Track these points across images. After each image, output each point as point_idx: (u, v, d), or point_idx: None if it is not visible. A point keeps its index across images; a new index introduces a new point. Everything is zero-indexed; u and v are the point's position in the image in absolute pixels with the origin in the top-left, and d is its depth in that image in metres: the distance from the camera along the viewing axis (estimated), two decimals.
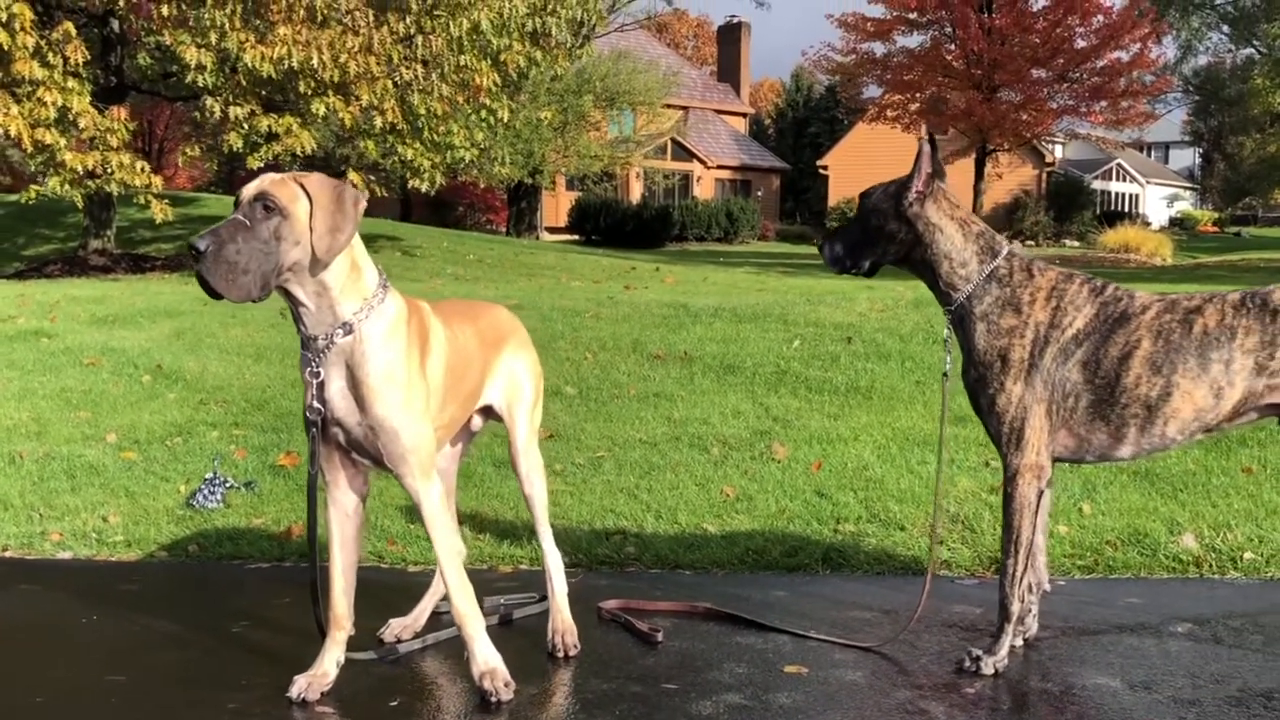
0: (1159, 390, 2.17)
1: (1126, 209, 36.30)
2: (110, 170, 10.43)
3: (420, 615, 2.56)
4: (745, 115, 36.54)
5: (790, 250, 22.68)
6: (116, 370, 6.01)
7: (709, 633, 2.52)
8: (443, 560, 2.13)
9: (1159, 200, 41.54)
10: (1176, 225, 36.07)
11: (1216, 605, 2.63)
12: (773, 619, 2.55)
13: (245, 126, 10.82)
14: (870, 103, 26.05)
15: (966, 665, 2.27)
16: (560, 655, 2.38)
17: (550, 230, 27.29)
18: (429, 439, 2.06)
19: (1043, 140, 28.11)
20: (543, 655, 2.39)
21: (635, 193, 29.65)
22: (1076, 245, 25.20)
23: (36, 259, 13.66)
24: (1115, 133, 26.47)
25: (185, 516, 3.67)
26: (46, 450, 4.51)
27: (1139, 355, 2.18)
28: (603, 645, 2.45)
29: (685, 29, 48.44)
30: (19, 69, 9.72)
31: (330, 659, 2.18)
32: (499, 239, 20.90)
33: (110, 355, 6.34)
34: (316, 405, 2.00)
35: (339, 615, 2.17)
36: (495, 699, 2.12)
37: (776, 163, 34.86)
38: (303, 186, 1.90)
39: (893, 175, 2.40)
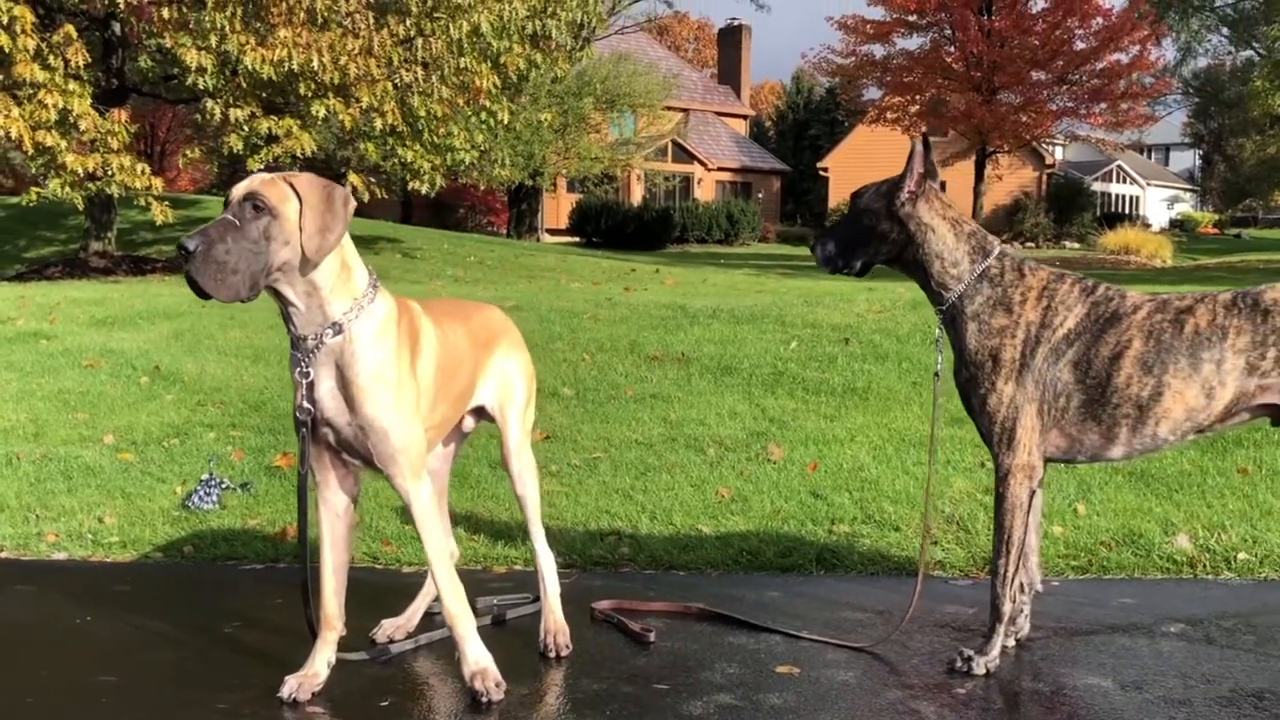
0: (1150, 390, 2.17)
1: (1127, 211, 36.30)
2: (111, 172, 10.45)
3: (413, 616, 2.56)
4: (746, 117, 36.57)
5: (791, 252, 22.69)
6: (115, 372, 6.01)
7: (701, 633, 2.52)
8: (433, 560, 2.13)
9: (1159, 202, 41.54)
10: (1177, 227, 36.04)
11: (1210, 606, 2.63)
12: (765, 619, 2.55)
13: (245, 129, 10.84)
14: (870, 105, 26.05)
15: (958, 665, 2.27)
16: (552, 655, 2.38)
17: (551, 232, 27.31)
18: (419, 439, 2.06)
19: (1043, 142, 28.10)
20: (535, 655, 2.39)
21: (636, 195, 29.68)
22: (1077, 247, 25.19)
23: (37, 261, 13.69)
24: (1115, 135, 26.47)
25: (181, 518, 3.68)
26: (44, 451, 4.52)
27: (1130, 355, 2.18)
28: (595, 645, 2.45)
29: (686, 32, 48.50)
30: (20, 71, 9.74)
31: (321, 659, 2.18)
32: (499, 241, 20.92)
33: (109, 357, 6.35)
34: (306, 405, 2.00)
35: (330, 616, 2.17)
36: (486, 699, 2.12)
37: (777, 165, 34.88)
38: (292, 186, 1.90)
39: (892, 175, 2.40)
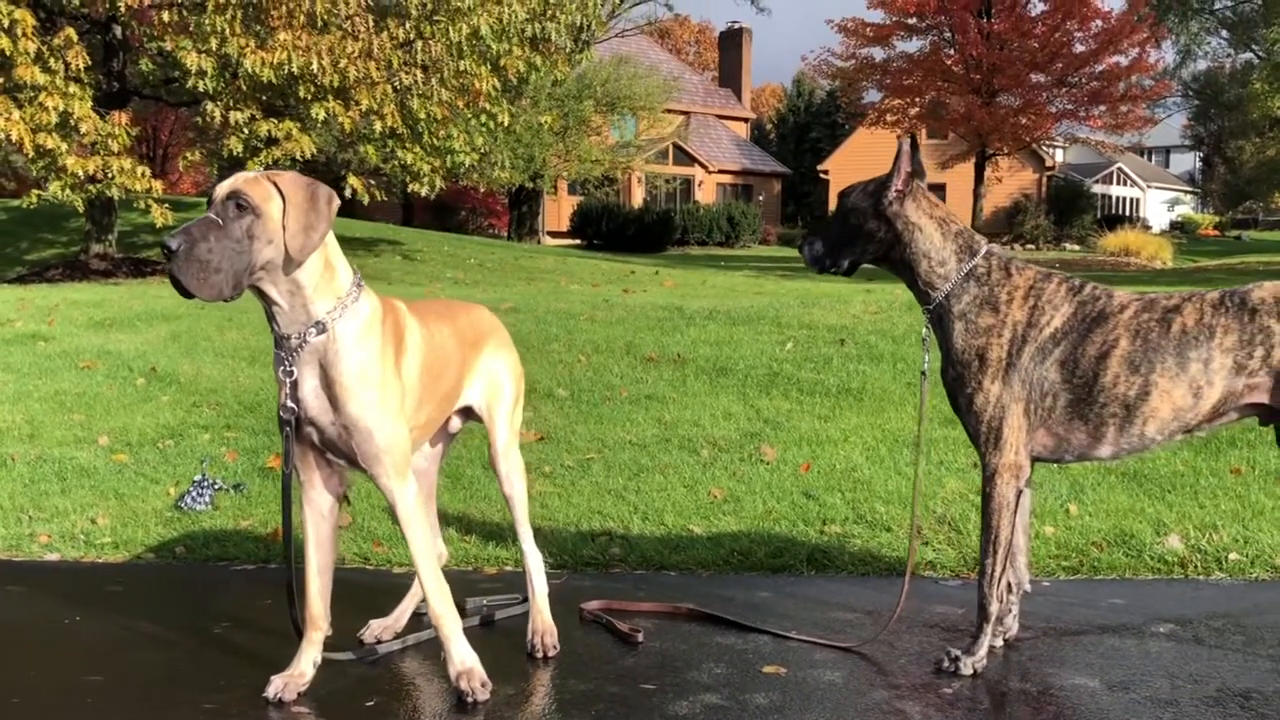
0: (1137, 389, 2.17)
1: (1127, 213, 36.29)
2: (111, 175, 10.48)
3: (401, 616, 2.55)
4: (747, 120, 36.61)
5: (791, 254, 22.67)
6: (111, 373, 6.02)
7: (690, 633, 2.52)
8: (418, 560, 2.13)
9: (1160, 204, 41.53)
10: (1177, 229, 36.03)
11: (1200, 606, 2.62)
12: (755, 620, 2.55)
13: (245, 131, 10.87)
14: (870, 107, 26.07)
15: (945, 665, 2.26)
16: (540, 656, 2.38)
17: (552, 234, 27.34)
18: (404, 439, 2.06)
19: (1042, 145, 28.12)
20: (522, 656, 2.39)
21: (637, 197, 29.71)
22: (1077, 249, 25.18)
23: (38, 263, 13.71)
24: (1115, 137, 26.50)
25: (173, 518, 3.68)
26: (39, 453, 4.52)
27: (1117, 354, 2.17)
28: (583, 646, 2.45)
29: (687, 35, 48.57)
30: (21, 74, 9.77)
31: (307, 659, 2.18)
32: (499, 243, 20.94)
33: (106, 358, 6.36)
34: (290, 405, 2.00)
35: (315, 616, 2.17)
36: (472, 699, 2.11)
37: (778, 167, 34.90)
38: (276, 185, 1.90)
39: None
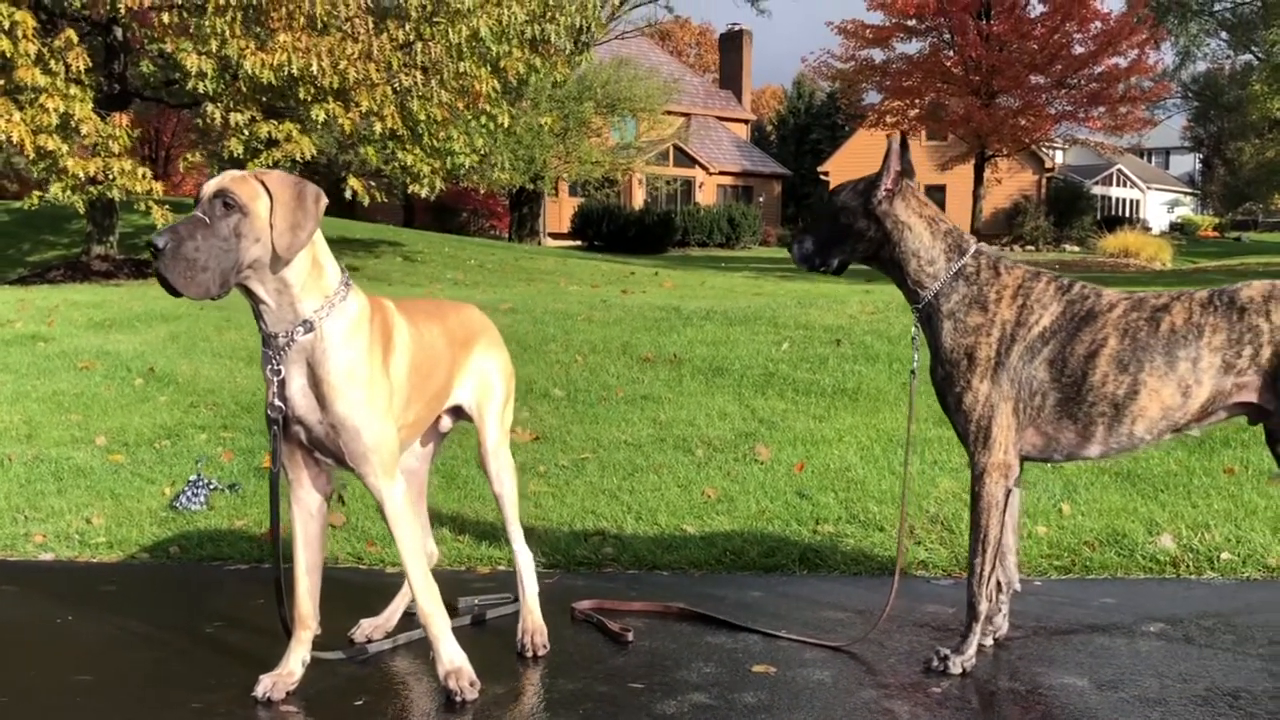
0: (1126, 388, 2.17)
1: (1127, 214, 36.28)
2: (112, 176, 10.50)
3: (391, 615, 2.56)
4: (747, 122, 36.63)
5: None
6: (110, 374, 6.03)
7: (681, 633, 2.52)
8: (406, 560, 2.13)
9: (1160, 205, 41.52)
10: (1177, 230, 36.03)
11: (1191, 605, 2.62)
12: (746, 619, 2.55)
13: (246, 133, 10.88)
14: (870, 109, 26.08)
15: (934, 665, 2.26)
16: (529, 655, 2.38)
17: (553, 236, 27.36)
18: (391, 438, 2.06)
19: (1042, 146, 28.12)
20: (512, 655, 2.39)
21: (638, 199, 29.73)
22: (1077, 250, 25.18)
23: (40, 265, 13.73)
24: (1115, 138, 26.49)
25: (168, 518, 3.68)
26: (35, 453, 4.53)
27: (1105, 353, 2.17)
28: (573, 645, 2.45)
29: (688, 37, 48.61)
30: (21, 76, 9.79)
31: (296, 658, 2.18)
32: (500, 244, 20.95)
33: (104, 359, 6.37)
34: (278, 403, 2.00)
35: (304, 615, 2.17)
36: (460, 698, 2.11)
37: (778, 169, 34.91)
38: (263, 183, 1.91)
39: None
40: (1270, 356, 2.10)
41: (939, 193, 30.03)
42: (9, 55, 9.71)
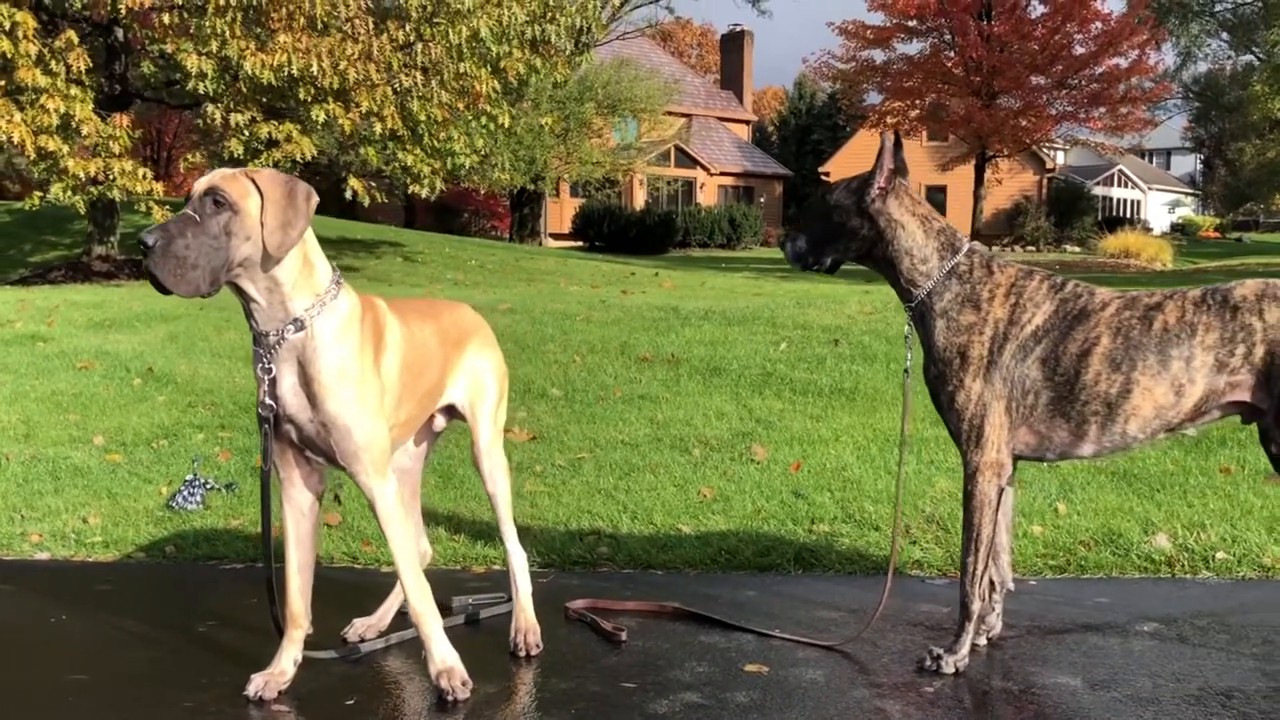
0: (1119, 387, 2.16)
1: (1128, 215, 36.26)
2: (112, 177, 10.51)
3: (385, 615, 2.55)
4: (748, 122, 36.64)
5: None
6: (108, 373, 6.04)
7: (674, 632, 2.52)
8: (398, 559, 2.13)
9: (1161, 206, 41.50)
10: (1178, 231, 36.02)
11: (1185, 605, 2.61)
12: (740, 619, 2.54)
13: (246, 133, 10.89)
14: (871, 110, 26.08)
15: (927, 664, 2.26)
16: (522, 655, 2.37)
17: (555, 236, 27.37)
18: (383, 436, 2.06)
19: (1044, 146, 28.10)
20: (505, 655, 2.39)
21: (639, 199, 29.75)
22: (1077, 251, 25.17)
23: (41, 265, 13.75)
24: (1115, 139, 26.47)
25: (165, 518, 3.68)
26: (33, 452, 4.54)
27: (1098, 352, 2.17)
28: (566, 645, 2.44)
29: (689, 38, 48.64)
30: (22, 76, 9.81)
31: (287, 657, 2.18)
32: (501, 245, 20.96)
33: (103, 359, 6.38)
34: (269, 402, 2.00)
35: (296, 614, 2.17)
36: (452, 698, 2.11)
37: (779, 169, 34.91)
38: (254, 181, 1.91)
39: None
40: (1263, 355, 2.10)
41: (940, 193, 30.03)
42: (10, 56, 9.73)
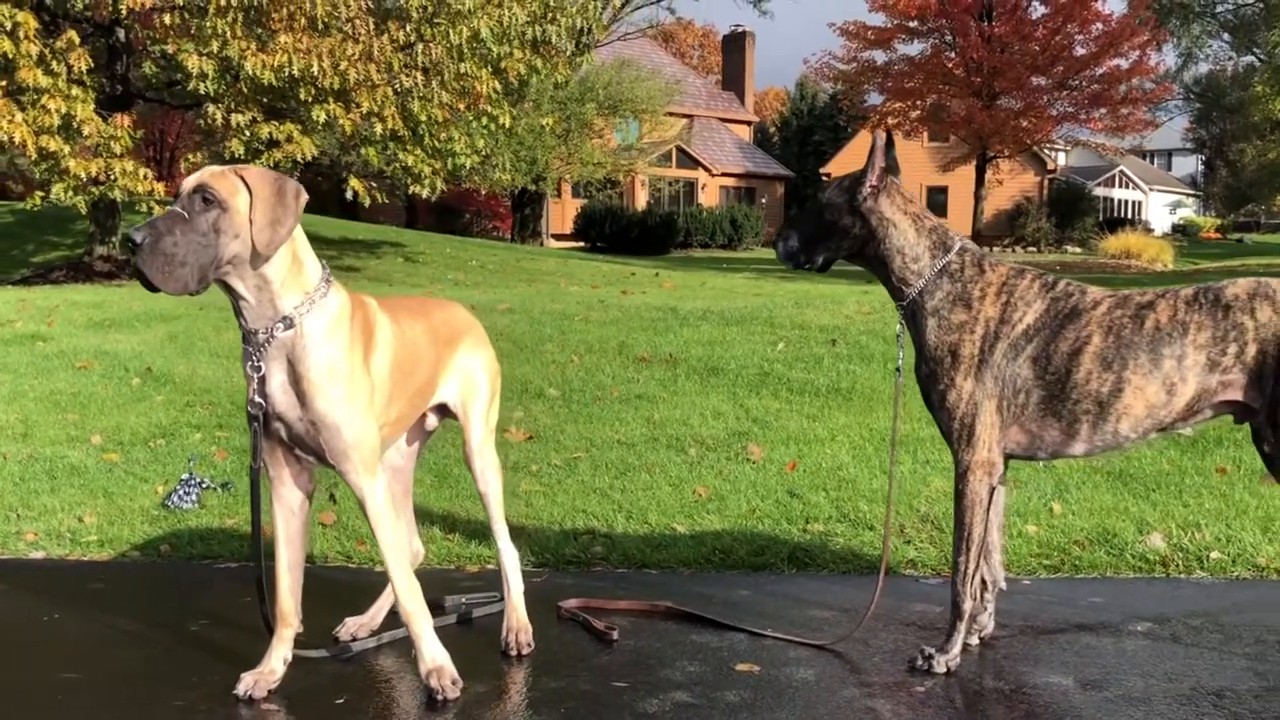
0: (1110, 386, 2.15)
1: (1129, 216, 36.23)
2: (113, 177, 10.53)
3: (377, 614, 2.55)
4: (750, 123, 36.64)
5: None
6: (107, 373, 6.05)
7: (666, 631, 2.51)
8: (388, 558, 2.13)
9: (1162, 207, 41.48)
10: (1179, 232, 35.98)
11: (1179, 604, 2.60)
12: (732, 618, 2.54)
13: (247, 133, 10.90)
14: (872, 110, 26.07)
15: (919, 664, 2.25)
16: (514, 654, 2.37)
17: (556, 237, 27.39)
18: (372, 435, 2.06)
19: (1044, 147, 28.08)
20: (496, 654, 2.39)
21: (640, 200, 29.75)
22: (1078, 251, 25.15)
23: (44, 265, 13.78)
24: (1116, 139, 26.44)
25: (160, 517, 3.68)
26: (30, 452, 4.54)
27: (1089, 351, 2.16)
28: (558, 644, 2.44)
29: (691, 38, 48.65)
30: (23, 77, 9.83)
31: (277, 656, 2.18)
32: (502, 245, 20.97)
33: (102, 358, 6.39)
34: (258, 400, 2.00)
35: (285, 612, 2.17)
36: (442, 697, 2.11)
37: (780, 170, 34.91)
38: (243, 179, 1.91)
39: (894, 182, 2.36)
40: (1255, 354, 2.09)
41: (941, 194, 30.02)
42: (11, 56, 9.75)
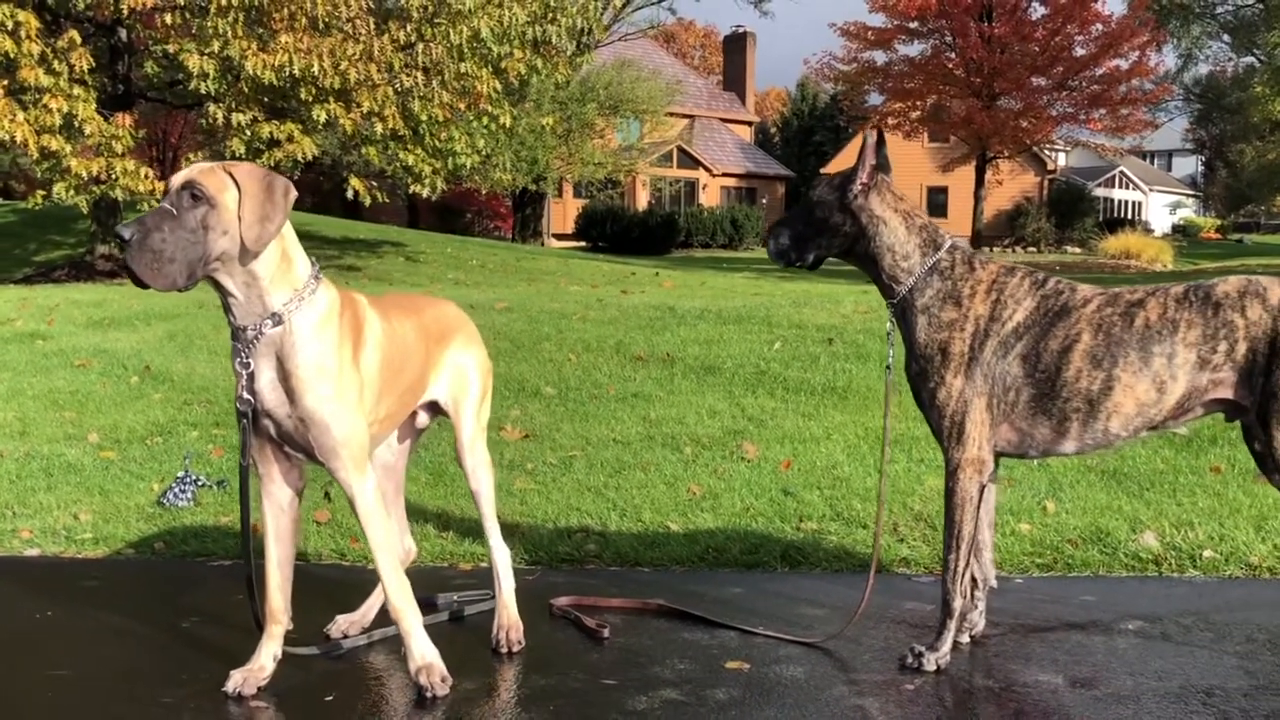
0: (1100, 384, 2.15)
1: (1129, 216, 36.19)
2: (115, 176, 10.55)
3: (368, 611, 2.55)
4: (750, 124, 36.64)
5: None
6: (106, 371, 6.06)
7: (658, 629, 2.51)
8: (377, 555, 2.13)
9: (1162, 207, 41.46)
10: (1179, 232, 35.96)
11: (1170, 603, 2.60)
12: (724, 616, 2.54)
13: (248, 133, 10.91)
14: (873, 111, 26.06)
15: (909, 661, 2.25)
16: (504, 651, 2.37)
17: (558, 237, 27.40)
18: (361, 432, 2.06)
19: (1044, 148, 28.06)
20: (487, 651, 2.39)
21: (641, 200, 29.77)
22: (1078, 252, 25.15)
23: (46, 264, 13.80)
24: (1116, 140, 26.42)
25: (155, 514, 3.69)
26: (28, 449, 4.55)
27: (1079, 349, 2.16)
28: (549, 641, 2.44)
29: (692, 39, 48.67)
30: (25, 76, 9.85)
31: (267, 653, 2.18)
32: (502, 245, 20.97)
33: (101, 357, 6.40)
34: (246, 396, 2.00)
35: (275, 610, 2.17)
36: (431, 694, 2.11)
37: (781, 170, 34.90)
38: (231, 175, 1.91)
39: (895, 182, 2.35)
40: (1245, 352, 2.09)
41: (941, 194, 30.00)
42: (12, 56, 9.77)
